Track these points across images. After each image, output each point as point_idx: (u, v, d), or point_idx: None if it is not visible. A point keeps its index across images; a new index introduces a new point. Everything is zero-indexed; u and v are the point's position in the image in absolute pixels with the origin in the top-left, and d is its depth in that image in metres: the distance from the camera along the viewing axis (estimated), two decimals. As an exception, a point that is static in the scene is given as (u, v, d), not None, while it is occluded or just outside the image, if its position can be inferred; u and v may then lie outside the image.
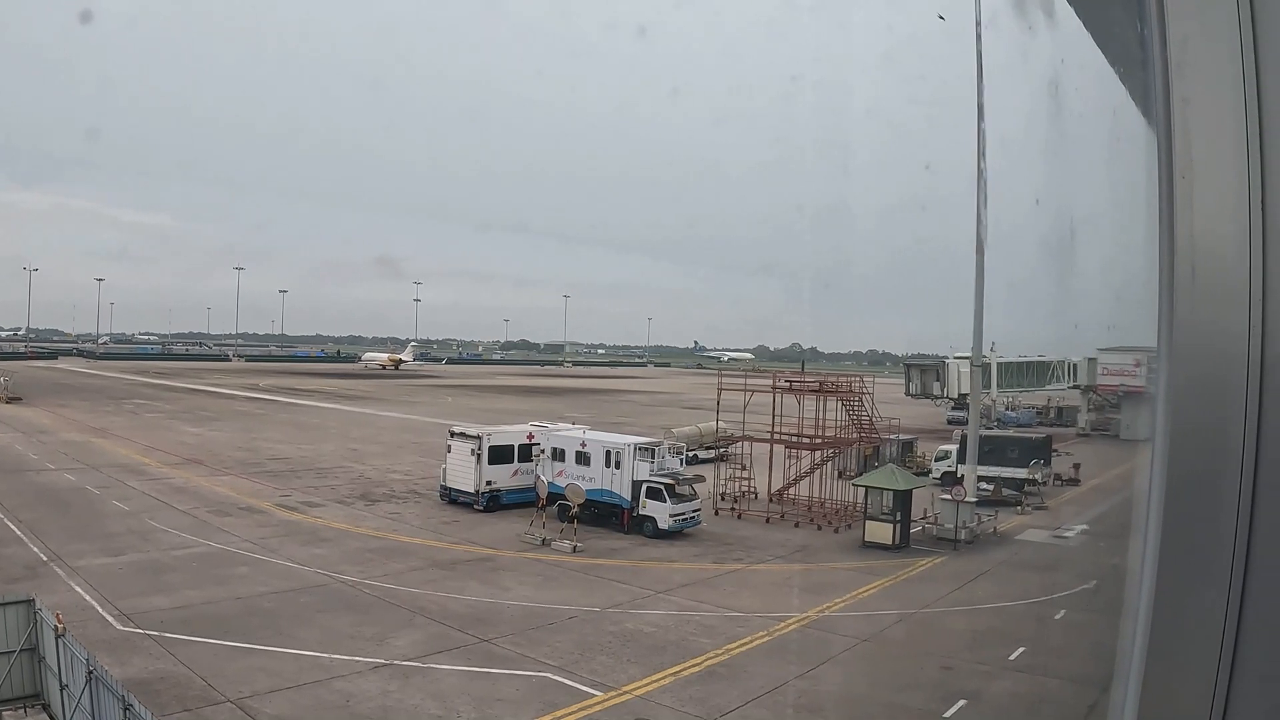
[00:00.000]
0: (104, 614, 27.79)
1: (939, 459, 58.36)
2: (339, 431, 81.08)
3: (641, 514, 42.71)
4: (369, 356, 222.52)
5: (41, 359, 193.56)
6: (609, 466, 44.12)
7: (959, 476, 45.75)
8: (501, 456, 47.72)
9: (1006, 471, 53.68)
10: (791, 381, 53.90)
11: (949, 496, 42.98)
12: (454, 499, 47.87)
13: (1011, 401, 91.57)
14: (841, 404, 51.48)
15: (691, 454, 58.51)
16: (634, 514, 42.97)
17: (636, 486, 43.01)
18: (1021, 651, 27.06)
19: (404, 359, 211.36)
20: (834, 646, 27.73)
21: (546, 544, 39.50)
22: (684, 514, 42.78)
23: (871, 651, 27.76)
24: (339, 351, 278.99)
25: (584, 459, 45.19)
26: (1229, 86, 2.07)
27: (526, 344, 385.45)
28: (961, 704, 23.56)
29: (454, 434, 49.15)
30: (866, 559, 39.26)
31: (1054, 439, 63.12)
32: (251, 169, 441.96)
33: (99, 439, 68.54)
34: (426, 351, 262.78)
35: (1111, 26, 2.67)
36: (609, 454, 44.55)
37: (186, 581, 31.72)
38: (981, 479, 47.23)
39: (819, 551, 41.08)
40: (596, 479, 43.94)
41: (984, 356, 50.04)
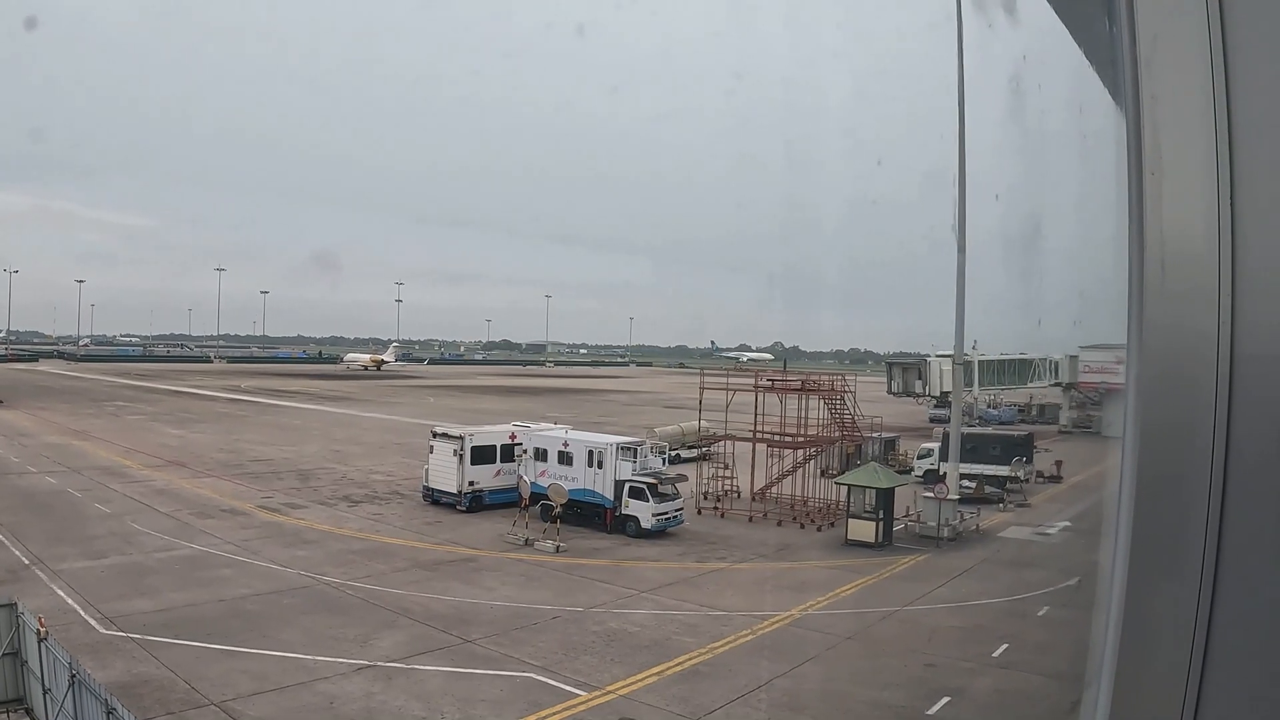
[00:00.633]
0: (86, 617, 27.66)
1: (921, 457, 58.47)
2: (321, 433, 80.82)
3: (624, 514, 42.67)
4: (351, 357, 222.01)
5: (22, 361, 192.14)
6: (591, 466, 44.10)
7: (941, 474, 45.83)
8: (484, 457, 47.65)
9: (988, 469, 53.87)
10: (773, 380, 53.96)
11: (931, 494, 43.08)
12: (437, 500, 47.77)
13: (993, 399, 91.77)
14: (824, 402, 51.57)
15: (674, 453, 58.63)
16: (617, 514, 42.93)
17: (619, 486, 42.98)
18: (1005, 648, 27.14)
19: (386, 360, 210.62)
20: (817, 645, 27.77)
21: (529, 544, 39.44)
22: (667, 513, 42.78)
23: (854, 649, 27.81)
24: (320, 352, 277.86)
25: (566, 459, 45.15)
26: (1198, 84, 2.08)
27: (508, 344, 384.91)
28: (945, 701, 23.63)
29: (436, 434, 49.05)
30: (849, 557, 39.32)
31: (1036, 436, 63.33)
32: (232, 171, 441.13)
33: (80, 441, 68.19)
34: (408, 352, 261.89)
35: (1082, 24, 2.68)
36: (591, 454, 44.52)
37: (169, 584, 31.59)
38: (964, 476, 47.34)
39: (802, 550, 41.13)
40: (579, 479, 43.92)
41: (965, 354, 50.11)
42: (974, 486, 50.37)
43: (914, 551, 40.37)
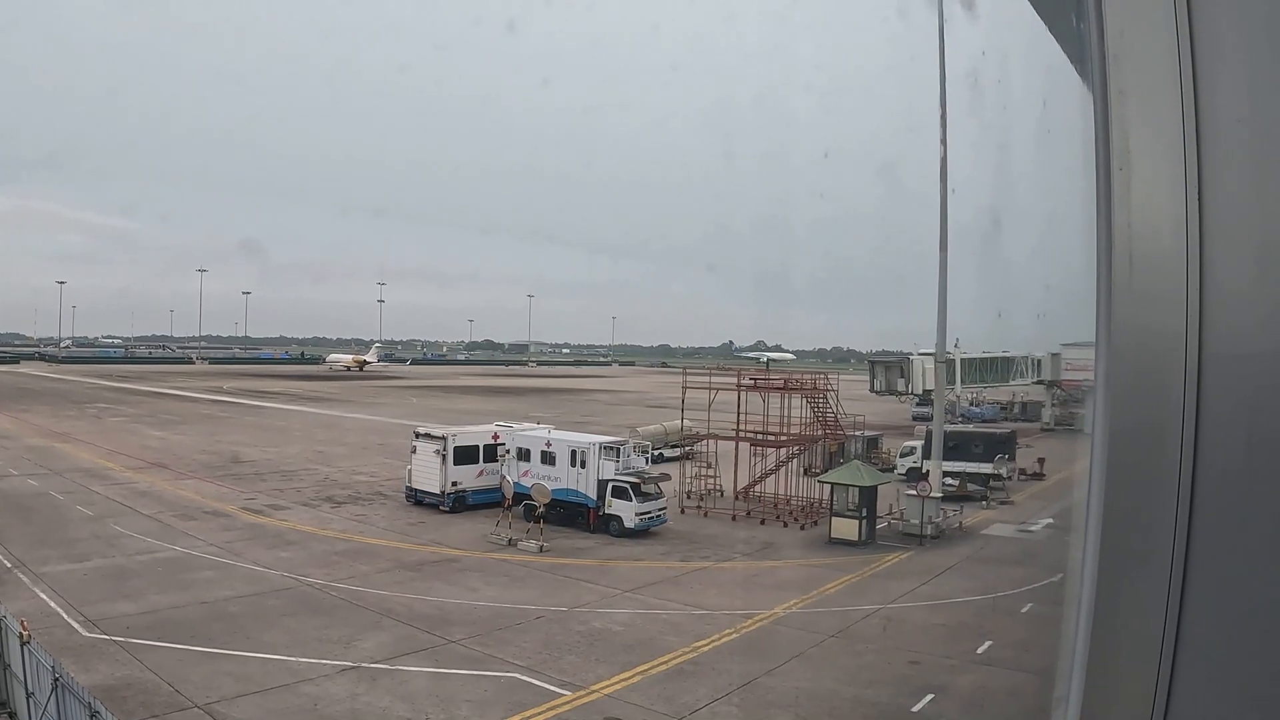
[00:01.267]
0: (69, 620, 27.54)
1: (904, 455, 58.67)
2: (304, 434, 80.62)
3: (607, 513, 42.69)
4: (333, 358, 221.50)
5: (3, 363, 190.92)
6: (574, 466, 44.09)
7: (924, 472, 45.91)
8: (467, 457, 47.63)
9: (971, 467, 54.12)
10: (756, 379, 54.03)
11: (914, 492, 43.20)
12: (420, 500, 47.72)
13: (976, 397, 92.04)
14: (806, 401, 51.63)
15: (657, 452, 58.55)
16: (600, 513, 42.95)
17: (602, 486, 42.99)
18: (989, 645, 27.22)
19: (369, 360, 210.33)
20: (801, 643, 27.79)
21: (513, 544, 39.43)
22: (650, 512, 42.80)
23: (839, 647, 27.84)
24: (303, 353, 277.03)
25: (549, 459, 45.13)
26: (1166, 80, 2.08)
27: (491, 344, 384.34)
28: (929, 698, 23.71)
29: (419, 435, 49.01)
30: (832, 555, 39.41)
31: (1018, 434, 63.56)
32: (216, 171, 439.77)
33: (62, 444, 67.85)
34: (391, 352, 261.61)
35: (1054, 19, 2.68)
36: (574, 453, 44.51)
37: (152, 586, 31.49)
38: (946, 474, 47.47)
39: (785, 548, 41.19)
40: (562, 478, 43.92)
41: (948, 352, 50.20)
42: (957, 484, 50.56)
43: (897, 549, 40.46)
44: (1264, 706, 2.05)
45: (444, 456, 46.87)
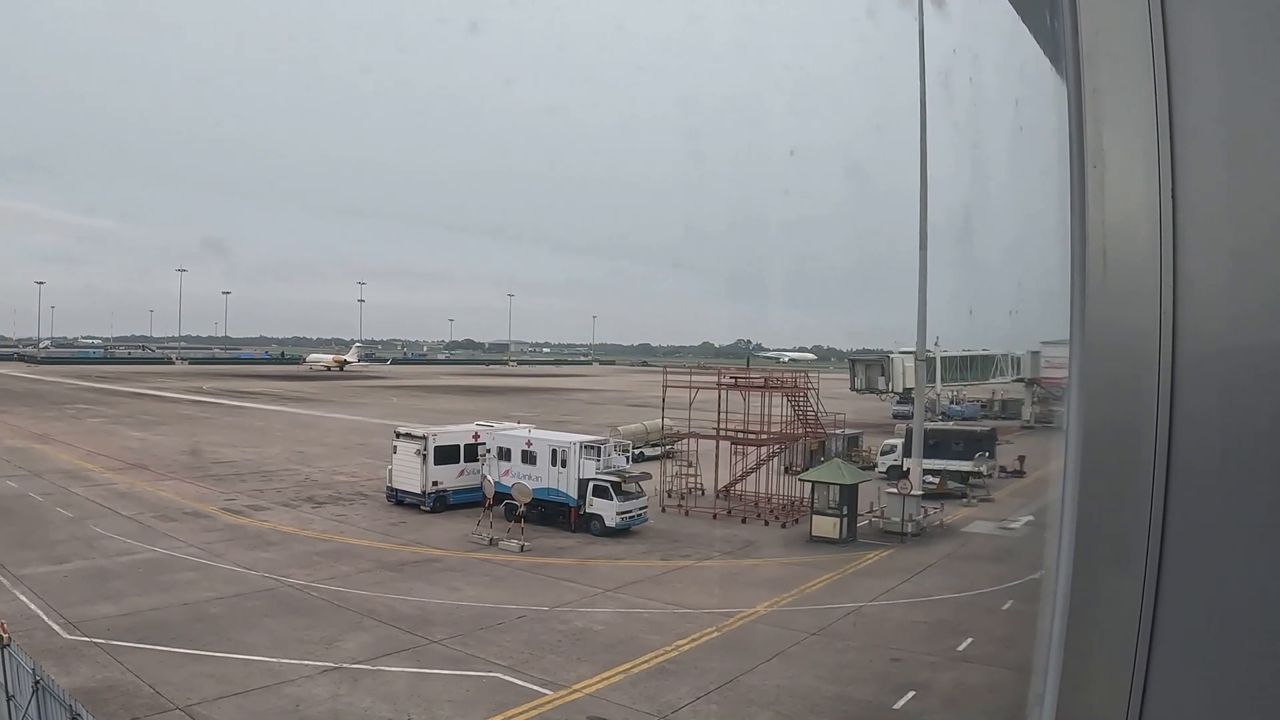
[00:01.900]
0: (50, 622, 27.39)
1: (884, 453, 58.78)
2: (284, 434, 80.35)
3: (588, 512, 42.69)
4: (314, 358, 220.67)
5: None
6: (555, 465, 44.06)
7: (905, 470, 46.04)
8: (447, 457, 47.58)
9: (952, 464, 54.28)
10: (736, 378, 54.09)
11: (895, 490, 43.32)
12: (401, 500, 47.62)
13: (956, 395, 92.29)
14: (787, 400, 51.73)
15: (638, 451, 58.63)
16: (581, 512, 42.94)
17: (583, 485, 43.00)
18: (970, 642, 27.34)
19: (349, 360, 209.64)
20: (782, 641, 27.84)
21: (494, 544, 39.38)
22: (631, 511, 42.82)
23: (820, 645, 27.90)
24: (283, 353, 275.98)
25: (530, 458, 45.10)
26: (1140, 78, 2.09)
27: (471, 343, 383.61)
28: (910, 695, 23.79)
29: (400, 435, 48.92)
30: (813, 553, 39.49)
31: (998, 431, 63.78)
32: (198, 171, 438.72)
33: (41, 445, 67.42)
34: (371, 352, 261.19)
35: (1024, 17, 2.69)
36: (555, 453, 44.48)
37: (132, 588, 31.35)
38: (927, 472, 47.67)
39: (766, 547, 41.27)
40: (543, 478, 43.90)
41: (928, 351, 50.32)
42: (937, 482, 50.73)
43: (878, 547, 40.57)
44: (1238, 701, 2.06)
45: (425, 456, 46.79)
